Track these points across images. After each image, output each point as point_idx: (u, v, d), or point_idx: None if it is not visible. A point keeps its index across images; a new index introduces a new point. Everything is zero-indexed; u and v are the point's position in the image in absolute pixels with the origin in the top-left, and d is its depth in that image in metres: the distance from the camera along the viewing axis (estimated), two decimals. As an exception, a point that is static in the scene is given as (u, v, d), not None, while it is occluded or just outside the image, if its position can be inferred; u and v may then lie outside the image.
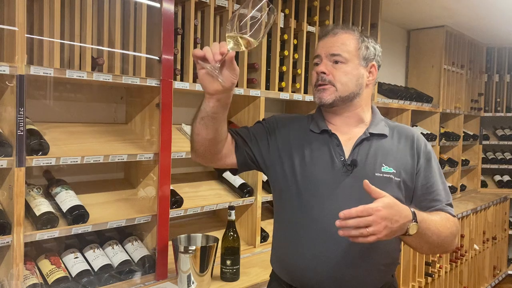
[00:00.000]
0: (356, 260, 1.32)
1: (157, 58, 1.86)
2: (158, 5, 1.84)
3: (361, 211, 1.08)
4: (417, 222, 1.18)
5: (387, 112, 3.63)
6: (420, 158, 1.41)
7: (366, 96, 1.44)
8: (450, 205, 1.42)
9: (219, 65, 1.11)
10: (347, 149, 1.39)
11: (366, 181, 1.13)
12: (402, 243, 1.42)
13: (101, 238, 1.87)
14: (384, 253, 1.37)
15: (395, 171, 1.36)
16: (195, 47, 2.08)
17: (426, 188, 1.40)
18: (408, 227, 1.17)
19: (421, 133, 3.85)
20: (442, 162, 4.12)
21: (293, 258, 1.39)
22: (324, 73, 1.37)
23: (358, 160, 1.36)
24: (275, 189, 1.47)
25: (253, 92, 2.29)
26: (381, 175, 1.35)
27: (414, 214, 1.18)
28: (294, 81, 2.60)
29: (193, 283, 1.78)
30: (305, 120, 1.50)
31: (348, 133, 1.42)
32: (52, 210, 1.61)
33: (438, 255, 3.37)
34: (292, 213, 1.40)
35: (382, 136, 1.42)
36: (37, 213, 1.57)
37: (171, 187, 1.95)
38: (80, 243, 1.80)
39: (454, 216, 1.41)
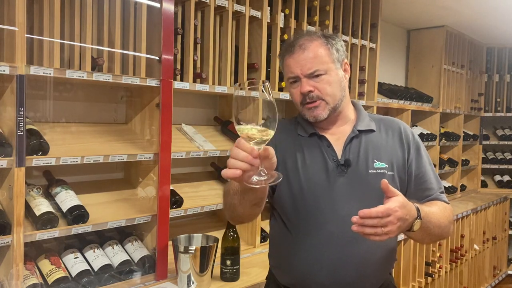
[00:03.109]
0: (357, 261, 1.33)
1: (157, 58, 1.86)
2: (158, 5, 1.84)
3: (382, 212, 1.07)
4: (421, 218, 1.19)
5: (387, 112, 3.63)
6: (410, 149, 1.43)
7: (347, 94, 1.45)
8: (442, 192, 1.45)
9: (261, 167, 1.02)
10: (338, 148, 1.39)
11: (385, 180, 1.12)
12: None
13: (101, 238, 1.87)
14: (384, 251, 1.38)
15: (387, 166, 1.37)
16: (195, 47, 2.08)
17: (419, 178, 1.42)
18: (413, 224, 1.18)
19: (421, 133, 3.87)
20: (442, 162, 4.12)
21: (293, 262, 1.38)
22: (311, 91, 1.35)
23: (351, 159, 1.37)
24: (271, 194, 1.45)
25: (253, 92, 2.29)
26: (375, 171, 1.36)
27: (418, 210, 1.19)
28: (294, 81, 2.60)
29: (193, 283, 1.78)
30: (290, 125, 1.48)
31: (336, 133, 1.43)
32: (52, 210, 1.61)
33: (438, 255, 3.40)
34: (289, 217, 1.40)
35: (370, 131, 1.43)
36: (37, 213, 1.57)
37: (171, 187, 1.95)
38: (80, 243, 1.80)
39: (448, 203, 1.44)
